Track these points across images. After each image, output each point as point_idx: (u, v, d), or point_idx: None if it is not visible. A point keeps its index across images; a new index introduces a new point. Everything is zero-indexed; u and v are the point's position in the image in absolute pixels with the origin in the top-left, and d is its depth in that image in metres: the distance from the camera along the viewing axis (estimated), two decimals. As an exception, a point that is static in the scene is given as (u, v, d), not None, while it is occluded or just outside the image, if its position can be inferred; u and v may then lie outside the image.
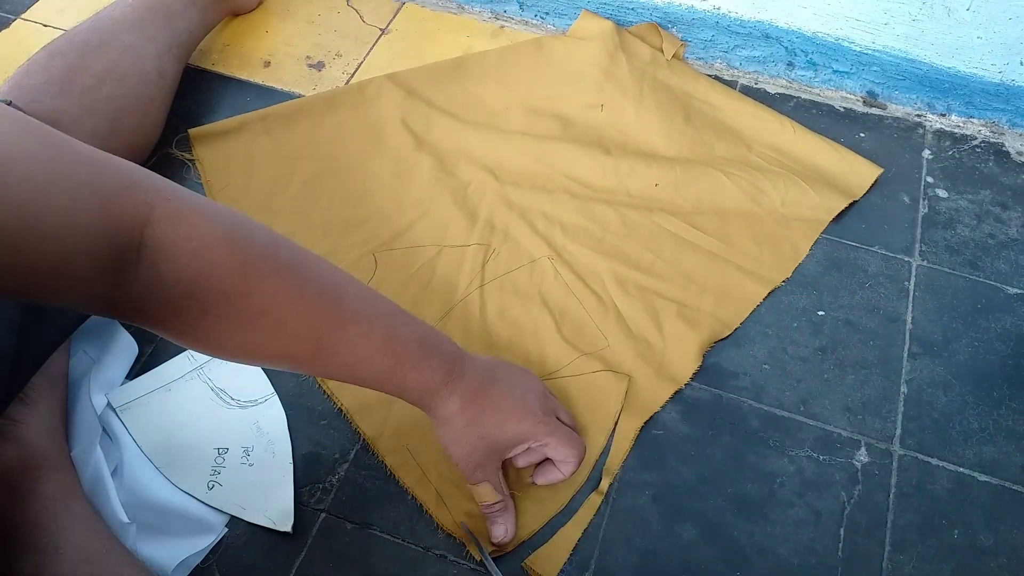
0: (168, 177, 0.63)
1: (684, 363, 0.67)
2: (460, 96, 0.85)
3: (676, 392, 0.66)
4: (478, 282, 0.72)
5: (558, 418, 0.60)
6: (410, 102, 0.84)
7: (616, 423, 0.64)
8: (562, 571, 0.58)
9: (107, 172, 0.40)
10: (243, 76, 0.89)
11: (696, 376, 0.67)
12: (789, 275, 0.73)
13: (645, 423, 0.65)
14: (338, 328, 0.50)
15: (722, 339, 0.69)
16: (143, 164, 0.79)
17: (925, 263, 0.75)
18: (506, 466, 0.60)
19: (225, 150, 0.81)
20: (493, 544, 0.58)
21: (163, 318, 0.44)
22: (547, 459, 0.60)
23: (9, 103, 0.64)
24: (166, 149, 0.80)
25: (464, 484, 0.59)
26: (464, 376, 0.55)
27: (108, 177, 0.40)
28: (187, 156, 0.80)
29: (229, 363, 0.66)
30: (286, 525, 0.59)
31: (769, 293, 0.72)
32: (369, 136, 0.82)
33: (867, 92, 0.87)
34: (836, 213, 0.76)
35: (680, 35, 0.89)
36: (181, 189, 0.45)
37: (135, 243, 0.41)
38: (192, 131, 0.81)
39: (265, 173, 0.79)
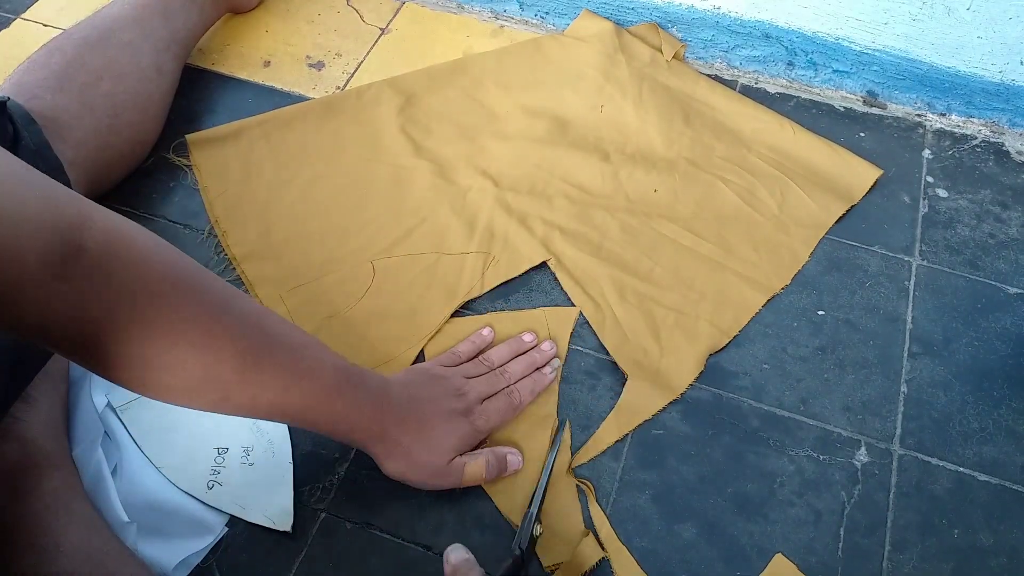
0: (166, 183, 0.64)
1: (681, 373, 0.67)
2: (459, 100, 0.85)
3: (670, 402, 0.66)
4: (478, 290, 0.71)
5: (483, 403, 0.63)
6: (409, 107, 0.84)
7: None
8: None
9: (53, 183, 0.43)
10: (243, 76, 0.89)
11: (695, 377, 0.67)
12: (788, 282, 0.73)
13: (635, 428, 0.65)
14: (264, 350, 0.50)
15: (719, 351, 0.69)
16: (142, 162, 0.79)
17: (925, 263, 0.75)
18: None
19: (222, 156, 0.80)
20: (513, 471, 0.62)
21: (96, 333, 0.44)
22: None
23: (7, 100, 0.64)
24: (163, 154, 0.80)
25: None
26: (392, 405, 0.57)
27: (55, 185, 0.43)
28: (184, 161, 0.80)
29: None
30: (286, 525, 0.59)
31: (768, 300, 0.72)
32: (367, 142, 0.82)
33: (867, 92, 0.87)
34: (836, 218, 0.76)
35: (680, 35, 0.89)
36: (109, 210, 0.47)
37: (76, 244, 0.42)
38: (189, 136, 0.81)
39: (262, 179, 0.79)
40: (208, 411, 0.51)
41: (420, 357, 0.68)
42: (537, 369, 0.66)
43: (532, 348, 0.67)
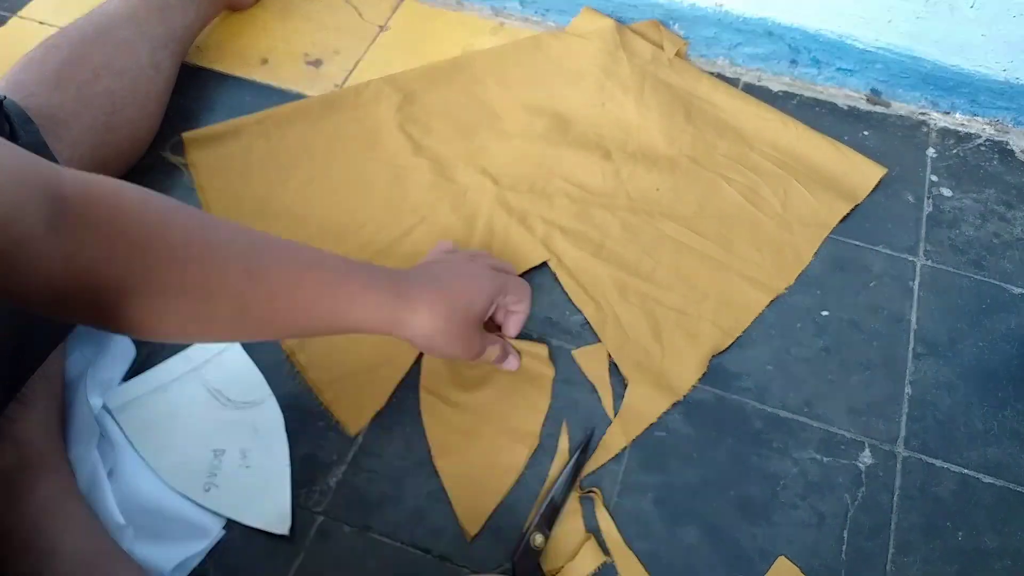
0: (163, 181, 0.64)
1: (683, 374, 0.66)
2: (459, 98, 0.85)
3: (673, 403, 0.65)
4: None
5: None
6: (408, 105, 0.83)
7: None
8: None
9: (20, 149, 0.43)
10: (240, 74, 0.88)
11: (698, 378, 0.66)
12: (791, 282, 0.72)
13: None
14: (263, 255, 0.50)
15: (722, 352, 0.68)
16: (140, 159, 0.78)
17: (929, 263, 0.74)
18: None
19: (220, 154, 0.80)
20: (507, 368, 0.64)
21: (96, 284, 0.44)
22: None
23: (3, 99, 0.63)
24: (160, 152, 0.80)
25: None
26: (412, 285, 0.55)
27: (22, 150, 0.43)
28: (181, 160, 0.79)
29: (226, 364, 0.66)
30: (283, 528, 0.59)
31: (771, 301, 0.71)
32: (366, 140, 0.81)
33: (871, 90, 0.86)
34: (839, 218, 0.76)
35: (682, 32, 0.89)
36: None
37: (58, 194, 0.42)
38: (186, 135, 0.80)
39: (260, 178, 0.78)
40: (228, 339, 0.52)
41: (419, 358, 0.67)
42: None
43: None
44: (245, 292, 0.49)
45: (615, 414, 0.65)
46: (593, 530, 0.59)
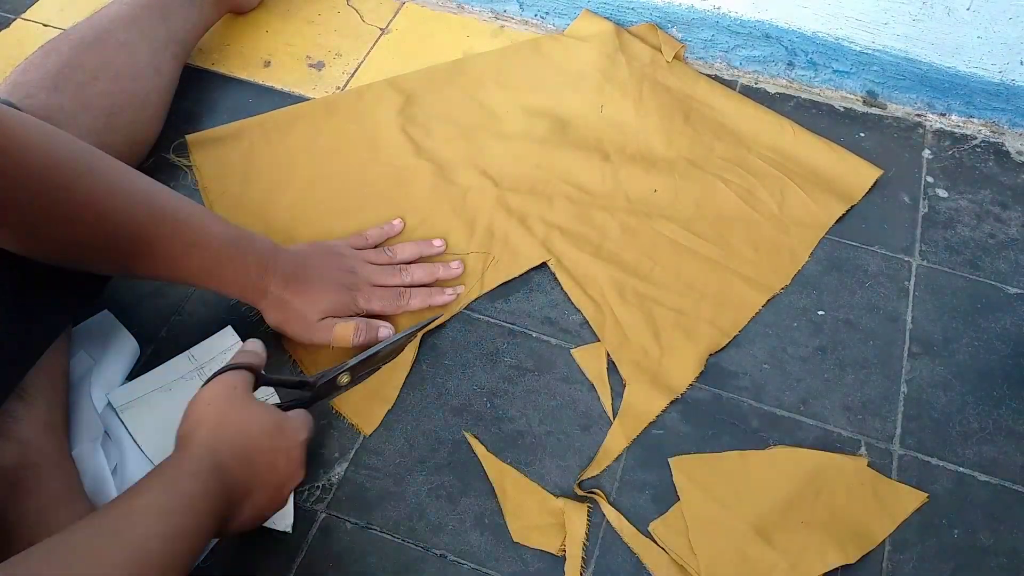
0: (165, 183, 0.65)
1: (681, 373, 0.67)
2: (459, 100, 0.85)
3: (671, 402, 0.66)
4: (478, 290, 0.72)
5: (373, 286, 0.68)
6: (409, 107, 0.84)
7: None
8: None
9: None
10: (243, 76, 0.89)
11: (695, 377, 0.67)
12: (788, 282, 0.73)
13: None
14: (153, 225, 0.57)
15: (719, 350, 0.69)
16: (142, 161, 0.79)
17: (925, 263, 0.75)
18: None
19: (223, 156, 0.80)
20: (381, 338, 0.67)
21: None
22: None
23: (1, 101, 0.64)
24: (163, 154, 0.80)
25: None
26: (278, 268, 0.63)
27: None
28: (184, 162, 0.80)
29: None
30: (285, 525, 0.59)
31: (768, 300, 0.72)
32: (368, 143, 0.82)
33: (867, 92, 0.87)
34: (836, 218, 0.76)
35: (680, 35, 0.89)
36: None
37: None
38: (190, 137, 0.81)
39: (262, 180, 0.79)
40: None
41: (420, 358, 0.68)
42: (439, 285, 0.71)
43: (438, 256, 0.73)
44: (128, 258, 0.58)
45: (613, 411, 0.65)
46: (599, 524, 0.60)
